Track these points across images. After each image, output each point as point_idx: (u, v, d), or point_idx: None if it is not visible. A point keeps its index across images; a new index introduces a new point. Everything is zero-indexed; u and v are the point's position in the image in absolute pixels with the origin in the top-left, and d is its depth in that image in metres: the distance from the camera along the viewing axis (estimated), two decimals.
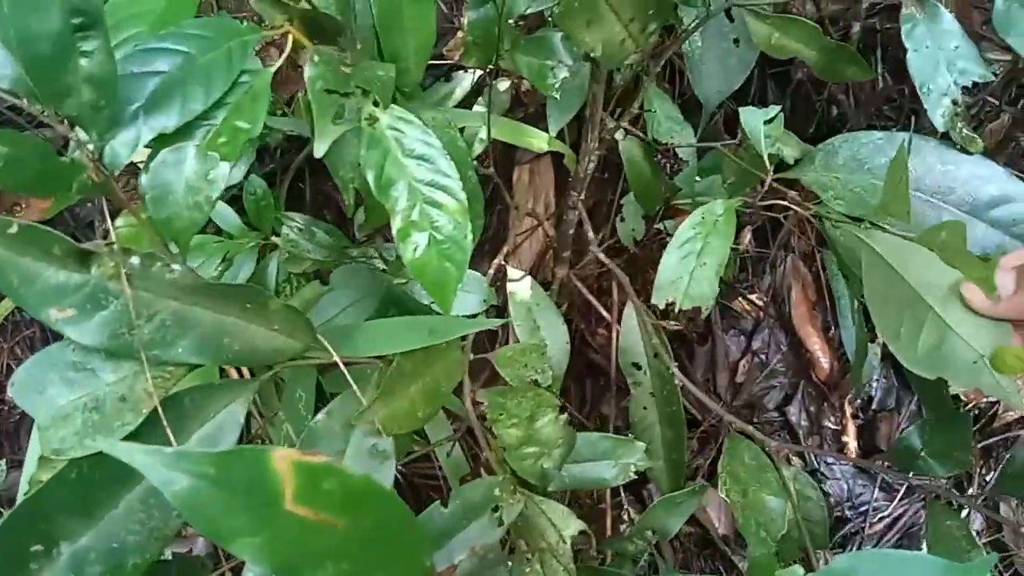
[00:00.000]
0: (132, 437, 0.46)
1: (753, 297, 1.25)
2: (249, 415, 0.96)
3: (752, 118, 0.71)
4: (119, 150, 0.46)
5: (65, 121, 0.44)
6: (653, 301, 0.70)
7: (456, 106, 0.95)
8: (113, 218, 0.49)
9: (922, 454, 0.59)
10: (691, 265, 0.71)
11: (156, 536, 0.47)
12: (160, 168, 0.46)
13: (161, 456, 0.32)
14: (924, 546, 1.16)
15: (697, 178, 0.95)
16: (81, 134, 0.45)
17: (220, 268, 0.87)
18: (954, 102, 0.65)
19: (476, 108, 0.92)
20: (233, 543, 0.33)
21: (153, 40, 0.48)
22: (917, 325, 0.44)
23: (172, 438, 0.46)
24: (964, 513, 1.14)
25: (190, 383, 0.52)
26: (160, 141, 0.47)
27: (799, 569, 0.35)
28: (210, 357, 0.48)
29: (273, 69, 0.51)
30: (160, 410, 0.46)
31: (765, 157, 0.70)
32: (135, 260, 0.45)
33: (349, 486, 0.36)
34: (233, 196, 0.94)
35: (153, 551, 0.47)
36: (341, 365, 0.52)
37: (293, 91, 1.07)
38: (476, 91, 0.96)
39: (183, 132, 0.47)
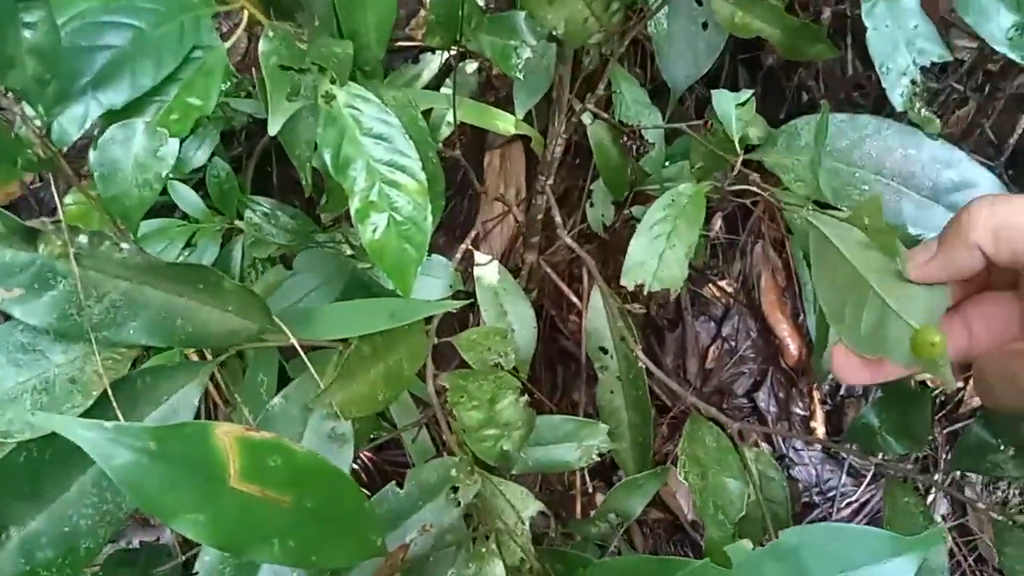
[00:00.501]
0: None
1: (723, 283, 1.26)
2: (214, 404, 0.95)
3: (724, 100, 0.71)
4: (67, 126, 0.45)
5: (10, 95, 0.43)
6: (622, 283, 0.70)
7: (424, 88, 0.94)
8: (63, 196, 0.48)
9: (881, 431, 0.59)
10: (661, 247, 0.71)
11: (109, 519, 0.47)
12: (109, 145, 0.45)
13: (101, 430, 0.32)
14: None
15: (666, 163, 0.95)
16: (27, 109, 0.44)
17: (184, 252, 0.86)
18: (913, 82, 0.65)
19: (443, 91, 0.91)
20: (176, 519, 0.32)
21: (103, 13, 0.47)
22: (859, 306, 0.44)
23: (122, 420, 0.46)
24: (930, 499, 1.16)
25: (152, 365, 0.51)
26: (110, 117, 0.46)
27: (747, 543, 0.35)
28: (162, 338, 0.47)
29: (227, 45, 0.50)
30: (110, 392, 0.45)
31: (736, 139, 0.70)
32: (83, 239, 0.44)
33: (296, 463, 0.36)
34: (198, 180, 0.93)
35: (106, 534, 0.46)
36: (298, 347, 0.52)
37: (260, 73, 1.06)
38: (444, 73, 0.96)
39: (133, 108, 0.46)
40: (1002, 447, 0.53)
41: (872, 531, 0.36)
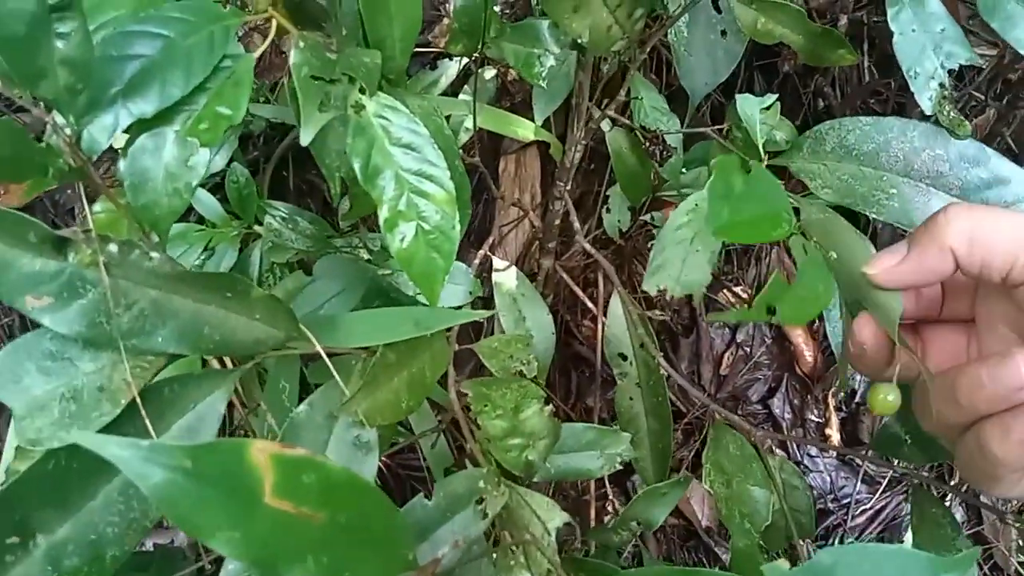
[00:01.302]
0: (110, 428, 0.46)
1: (738, 289, 1.25)
2: (232, 406, 0.95)
3: (748, 104, 0.71)
4: (97, 135, 0.45)
5: (42, 105, 0.43)
6: (644, 288, 0.70)
7: (441, 94, 0.94)
8: (91, 204, 0.48)
9: (907, 442, 0.59)
10: (684, 252, 0.70)
11: (135, 528, 0.47)
12: (139, 154, 0.45)
13: (136, 449, 0.31)
14: (906, 538, 1.18)
15: (683, 170, 0.95)
16: (58, 118, 0.44)
17: (202, 257, 0.86)
18: (941, 85, 0.65)
19: (462, 97, 0.91)
20: (211, 537, 0.32)
21: (133, 23, 0.47)
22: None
23: (151, 429, 0.46)
24: (946, 504, 1.15)
25: (172, 373, 0.51)
26: (139, 126, 0.46)
27: (784, 563, 0.35)
28: (190, 347, 0.47)
29: (256, 55, 0.50)
30: (139, 400, 0.45)
31: (759, 144, 0.70)
32: (113, 247, 0.44)
33: (329, 479, 0.35)
34: (215, 184, 0.93)
35: (132, 543, 0.46)
36: (324, 355, 0.52)
37: (277, 78, 1.06)
38: (462, 79, 0.96)
39: (163, 117, 0.46)
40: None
41: (907, 551, 0.36)
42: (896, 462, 0.63)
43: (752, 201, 0.48)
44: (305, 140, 0.44)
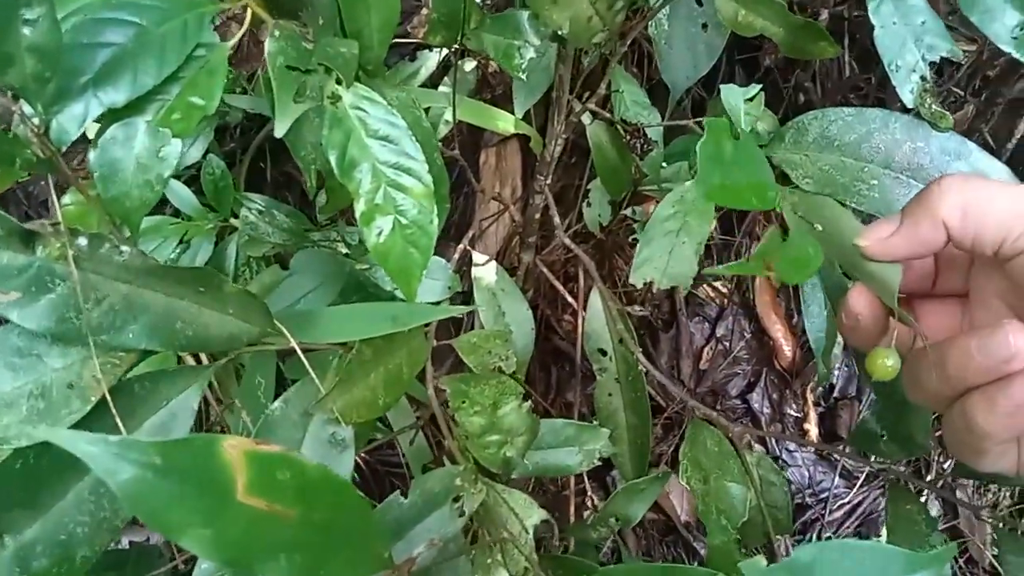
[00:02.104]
0: (80, 425, 0.45)
1: (718, 284, 1.26)
2: (207, 402, 0.94)
3: (732, 95, 0.71)
4: (66, 125, 0.44)
5: (8, 93, 0.42)
6: (631, 280, 0.69)
7: (421, 86, 0.94)
8: (61, 196, 0.47)
9: (882, 438, 0.59)
10: (670, 244, 0.70)
11: (106, 527, 0.46)
12: (109, 144, 0.44)
13: (105, 444, 0.31)
14: (883, 532, 1.18)
15: (664, 164, 0.95)
16: (26, 107, 0.43)
17: (177, 250, 0.85)
18: (923, 78, 0.65)
19: (442, 89, 0.90)
20: (181, 535, 0.31)
21: (105, 10, 0.46)
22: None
23: (121, 426, 0.45)
24: (922, 500, 1.16)
25: (145, 369, 0.50)
26: (110, 116, 0.45)
27: (761, 560, 0.35)
28: (162, 342, 0.46)
29: (231, 44, 0.49)
30: (109, 397, 0.44)
31: (743, 134, 0.70)
32: (82, 241, 0.43)
33: (304, 476, 0.35)
34: (191, 176, 0.92)
35: (103, 542, 0.46)
36: (299, 351, 0.51)
37: (254, 68, 1.05)
38: (442, 71, 0.95)
39: (134, 107, 0.45)
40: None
41: (885, 548, 0.36)
42: (872, 458, 0.63)
43: (741, 167, 0.47)
44: (279, 131, 0.43)
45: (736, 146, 0.47)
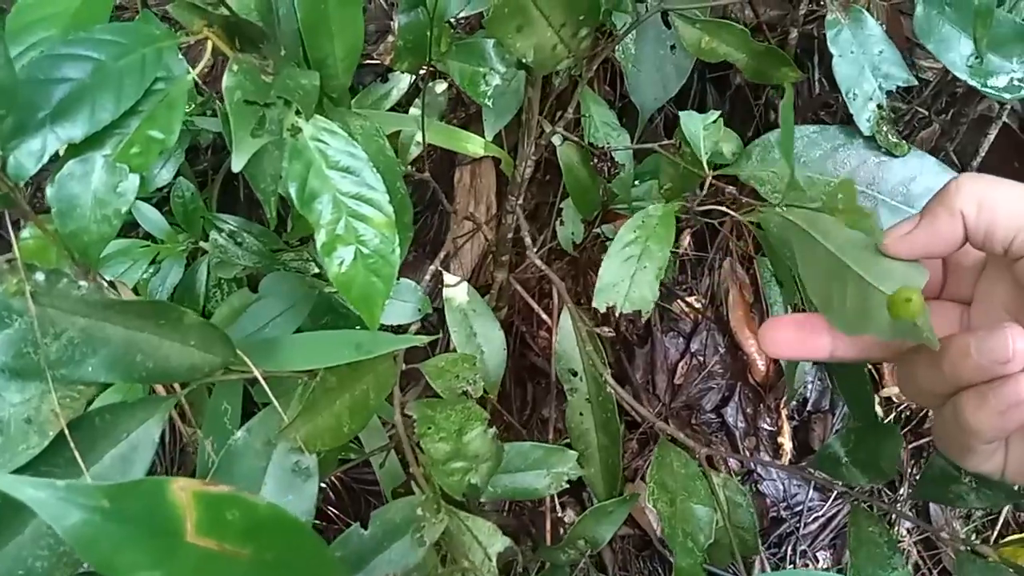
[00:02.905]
0: (38, 460, 0.44)
1: (692, 299, 1.26)
2: (174, 428, 0.93)
3: (692, 122, 0.72)
4: (23, 160, 0.44)
5: None
6: (594, 305, 0.70)
7: (394, 106, 0.94)
8: (18, 229, 0.47)
9: (845, 462, 0.60)
10: (632, 269, 0.71)
11: (66, 561, 0.46)
12: (66, 180, 0.44)
13: (52, 489, 0.31)
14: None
15: (635, 183, 0.95)
16: None
17: (148, 272, 0.85)
18: (879, 107, 0.66)
19: (413, 111, 0.90)
20: None
21: (62, 46, 0.46)
22: (843, 289, 0.44)
23: (80, 460, 0.45)
24: (893, 515, 1.17)
25: (112, 398, 0.50)
26: (69, 151, 0.45)
27: None
28: (121, 375, 0.46)
29: (191, 77, 0.49)
30: (67, 431, 0.44)
31: (703, 159, 0.71)
32: (40, 276, 0.43)
33: (254, 515, 0.35)
34: (162, 197, 0.92)
35: None
36: (262, 381, 0.51)
37: None
38: (414, 91, 0.95)
39: (92, 142, 0.45)
40: (965, 478, 0.54)
41: None
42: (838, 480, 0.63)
43: None
44: (236, 166, 0.43)
45: None
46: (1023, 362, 0.37)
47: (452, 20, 0.74)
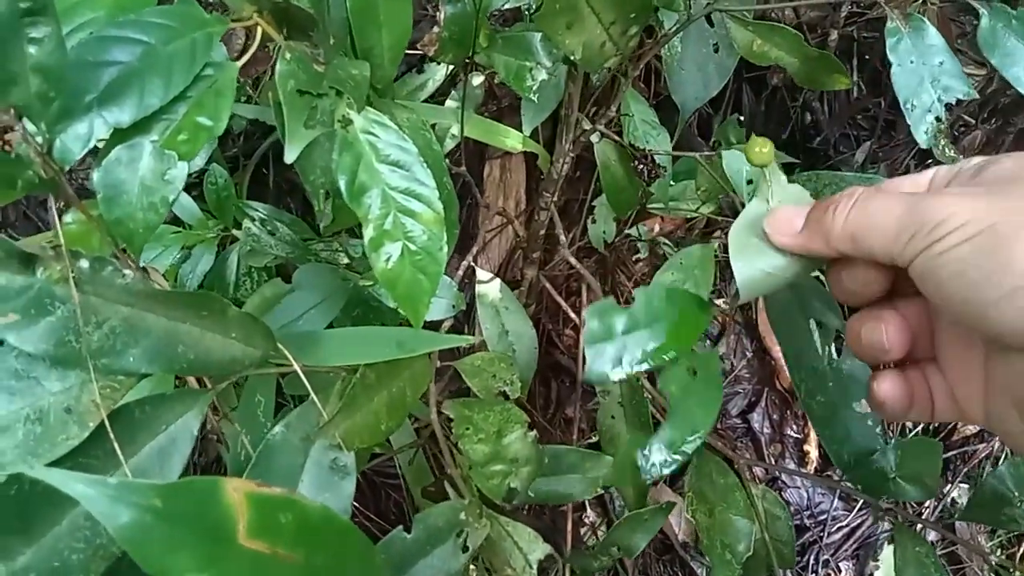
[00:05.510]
0: (78, 452, 0.44)
1: (720, 302, 1.25)
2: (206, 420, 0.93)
3: (733, 160, 0.71)
4: (70, 144, 0.43)
5: (12, 112, 0.41)
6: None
7: (429, 98, 0.93)
8: (62, 214, 0.46)
9: (893, 477, 0.58)
10: None
11: (101, 554, 0.45)
12: (113, 165, 0.43)
13: (103, 487, 0.30)
14: (881, 556, 1.17)
15: (671, 182, 0.94)
16: (29, 126, 0.42)
17: (178, 258, 0.84)
18: (937, 119, 0.64)
19: (449, 102, 0.89)
20: None
21: (111, 28, 0.45)
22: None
23: (120, 453, 0.44)
24: (919, 525, 1.15)
25: (145, 390, 0.49)
26: (115, 136, 0.44)
27: None
28: (163, 366, 0.45)
29: (240, 64, 0.48)
30: (107, 423, 0.43)
31: (745, 196, 0.70)
32: (84, 264, 0.42)
33: (306, 518, 0.34)
34: (193, 183, 0.91)
35: (98, 570, 0.44)
36: (302, 376, 0.50)
37: (259, 72, 1.04)
38: (449, 83, 0.94)
39: (140, 127, 0.44)
40: (1020, 502, 0.52)
41: None
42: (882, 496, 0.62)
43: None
44: (289, 158, 0.42)
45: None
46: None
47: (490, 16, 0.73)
